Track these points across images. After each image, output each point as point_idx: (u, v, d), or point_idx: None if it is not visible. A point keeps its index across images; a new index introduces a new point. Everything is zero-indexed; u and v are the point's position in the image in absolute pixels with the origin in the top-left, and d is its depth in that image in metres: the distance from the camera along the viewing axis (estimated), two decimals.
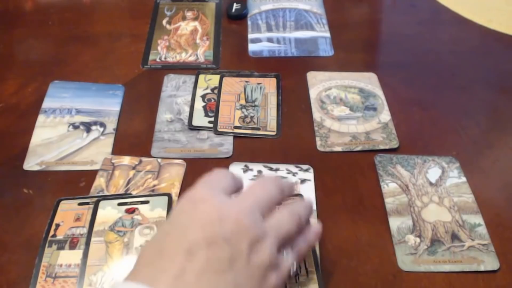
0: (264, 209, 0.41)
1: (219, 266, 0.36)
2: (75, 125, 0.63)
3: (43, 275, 0.47)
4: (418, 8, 0.84)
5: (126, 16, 0.83)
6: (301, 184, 0.56)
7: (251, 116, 0.64)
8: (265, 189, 0.43)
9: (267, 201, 0.42)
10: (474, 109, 0.66)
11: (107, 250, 0.49)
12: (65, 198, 0.54)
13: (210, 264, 0.36)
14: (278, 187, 0.43)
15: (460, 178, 0.57)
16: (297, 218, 0.43)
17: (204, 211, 0.38)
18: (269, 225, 0.40)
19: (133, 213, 0.52)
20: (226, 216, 0.38)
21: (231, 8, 0.81)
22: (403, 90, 0.69)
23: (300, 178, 0.56)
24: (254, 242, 0.38)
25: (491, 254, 0.50)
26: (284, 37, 0.77)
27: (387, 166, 0.58)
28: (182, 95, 0.67)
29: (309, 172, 0.57)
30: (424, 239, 0.51)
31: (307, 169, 0.57)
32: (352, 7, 0.85)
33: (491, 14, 0.82)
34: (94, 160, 0.59)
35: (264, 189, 0.43)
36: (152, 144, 0.60)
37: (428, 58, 0.74)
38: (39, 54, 0.74)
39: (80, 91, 0.67)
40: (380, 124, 0.63)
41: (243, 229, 0.38)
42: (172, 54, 0.74)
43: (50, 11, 0.82)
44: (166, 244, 0.38)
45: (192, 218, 0.38)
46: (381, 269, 0.49)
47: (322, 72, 0.71)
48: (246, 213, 0.39)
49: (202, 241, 0.37)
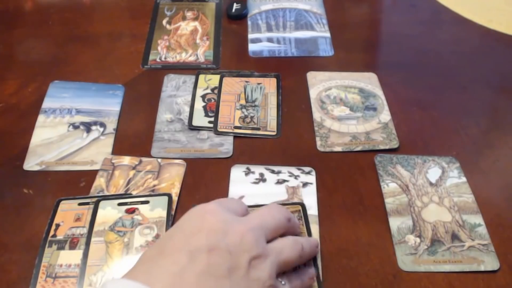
0: (268, 233, 0.43)
1: (219, 271, 0.37)
2: (75, 125, 0.63)
3: (43, 275, 0.47)
4: (418, 8, 0.84)
5: (126, 16, 0.83)
6: (303, 187, 0.56)
7: (251, 116, 0.64)
8: (272, 214, 0.44)
9: (272, 226, 0.43)
10: (474, 109, 0.66)
11: (107, 250, 0.49)
12: (65, 198, 0.54)
13: (210, 268, 0.37)
14: (285, 216, 0.45)
15: (460, 178, 0.57)
16: (300, 248, 0.44)
17: (211, 222, 0.40)
18: (271, 248, 0.42)
19: (133, 213, 0.52)
20: (231, 230, 0.40)
21: (231, 8, 0.81)
22: (403, 90, 0.69)
23: (302, 181, 0.56)
24: (255, 258, 0.39)
25: (491, 254, 0.50)
26: (284, 37, 0.77)
27: (387, 166, 0.58)
28: (182, 95, 0.67)
29: (311, 174, 0.57)
30: (424, 239, 0.51)
31: (309, 172, 0.57)
32: (352, 7, 0.85)
33: (491, 14, 0.82)
34: (94, 160, 0.59)
35: (271, 215, 0.44)
36: (152, 144, 0.60)
37: (428, 58, 0.74)
38: (39, 54, 0.74)
39: (80, 91, 0.67)
40: (380, 124, 0.63)
41: (245, 244, 0.39)
42: (172, 54, 0.74)
43: (50, 11, 0.82)
44: (168, 246, 0.39)
45: (198, 226, 0.40)
46: (381, 269, 0.49)
47: (322, 72, 0.71)
48: (250, 231, 0.41)
49: (205, 247, 0.38)
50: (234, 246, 0.39)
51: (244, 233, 0.40)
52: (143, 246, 0.49)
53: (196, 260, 0.37)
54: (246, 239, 0.40)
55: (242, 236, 0.40)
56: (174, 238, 0.40)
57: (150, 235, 0.50)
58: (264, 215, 0.44)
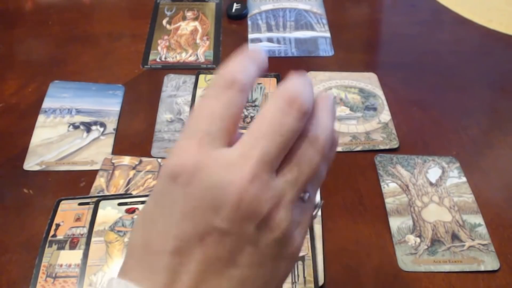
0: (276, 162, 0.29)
1: (219, 264, 0.28)
2: (75, 125, 0.63)
3: (43, 275, 0.47)
4: (418, 8, 0.84)
5: (126, 16, 0.83)
6: None
7: (251, 116, 0.64)
8: (278, 124, 0.29)
9: (281, 146, 0.29)
10: (474, 109, 0.66)
11: (107, 250, 0.49)
12: (65, 198, 0.54)
13: (207, 264, 0.28)
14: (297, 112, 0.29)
15: (460, 178, 0.57)
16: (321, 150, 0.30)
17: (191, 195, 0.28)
18: (285, 180, 0.29)
19: (133, 213, 0.52)
20: (221, 200, 0.27)
21: (231, 8, 0.81)
22: (403, 90, 0.69)
23: None
24: (264, 219, 0.28)
25: (491, 254, 0.50)
26: (284, 37, 0.77)
27: (387, 166, 0.58)
28: (182, 95, 0.67)
29: None
30: (424, 239, 0.51)
31: None
32: (352, 7, 0.85)
33: (491, 14, 0.82)
34: (94, 160, 0.59)
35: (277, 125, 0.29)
36: (152, 144, 0.60)
37: (428, 58, 0.74)
38: (39, 54, 0.74)
39: (80, 91, 0.67)
40: (380, 124, 0.63)
41: (246, 211, 0.28)
42: (172, 54, 0.74)
43: (50, 11, 0.82)
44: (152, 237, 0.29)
45: (177, 204, 0.28)
46: (381, 269, 0.49)
47: (322, 72, 0.71)
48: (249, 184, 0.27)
49: (194, 237, 0.28)
50: (231, 221, 0.27)
51: (242, 195, 0.27)
52: None
53: (187, 260, 0.28)
54: (246, 203, 0.27)
55: (240, 201, 0.27)
56: (155, 223, 0.29)
57: None
58: (267, 133, 0.28)
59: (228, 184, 0.27)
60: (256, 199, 0.28)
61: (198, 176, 0.28)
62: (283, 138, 0.29)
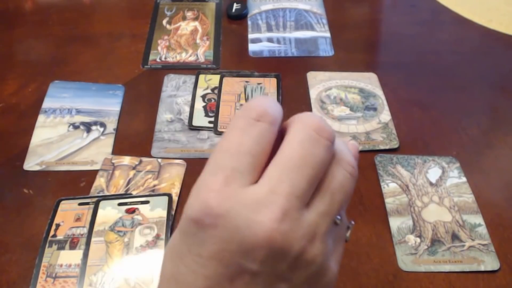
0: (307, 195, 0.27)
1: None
2: (75, 125, 0.63)
3: (44, 275, 0.47)
4: (418, 8, 0.84)
5: (126, 16, 0.83)
6: None
7: None
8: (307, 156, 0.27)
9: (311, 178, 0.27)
10: (474, 109, 0.66)
11: (107, 250, 0.49)
12: (65, 198, 0.54)
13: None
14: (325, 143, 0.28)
15: (460, 178, 0.57)
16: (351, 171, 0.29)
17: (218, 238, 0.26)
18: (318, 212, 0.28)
19: (133, 213, 0.52)
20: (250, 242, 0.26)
21: (231, 8, 0.81)
22: (403, 90, 0.69)
23: None
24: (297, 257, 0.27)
25: (491, 254, 0.50)
26: (284, 37, 0.77)
27: (387, 166, 0.58)
28: (182, 95, 0.67)
29: None
30: (424, 239, 0.51)
31: None
32: (352, 7, 0.85)
33: (491, 14, 0.82)
34: (94, 160, 0.58)
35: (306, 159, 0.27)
36: (152, 144, 0.60)
37: (428, 58, 0.74)
38: (39, 54, 0.74)
39: (80, 91, 0.67)
40: (380, 124, 0.63)
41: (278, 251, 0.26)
42: (172, 54, 0.74)
43: (50, 11, 0.82)
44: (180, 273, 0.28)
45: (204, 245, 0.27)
46: (381, 269, 0.49)
47: (322, 72, 0.71)
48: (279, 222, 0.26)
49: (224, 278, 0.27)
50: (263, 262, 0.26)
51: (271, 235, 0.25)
52: (143, 246, 0.49)
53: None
54: (276, 244, 0.26)
55: (269, 242, 0.26)
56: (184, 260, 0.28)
57: (150, 235, 0.50)
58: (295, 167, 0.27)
59: (257, 225, 0.26)
60: (287, 238, 0.26)
61: (224, 219, 0.26)
62: (314, 171, 0.27)
